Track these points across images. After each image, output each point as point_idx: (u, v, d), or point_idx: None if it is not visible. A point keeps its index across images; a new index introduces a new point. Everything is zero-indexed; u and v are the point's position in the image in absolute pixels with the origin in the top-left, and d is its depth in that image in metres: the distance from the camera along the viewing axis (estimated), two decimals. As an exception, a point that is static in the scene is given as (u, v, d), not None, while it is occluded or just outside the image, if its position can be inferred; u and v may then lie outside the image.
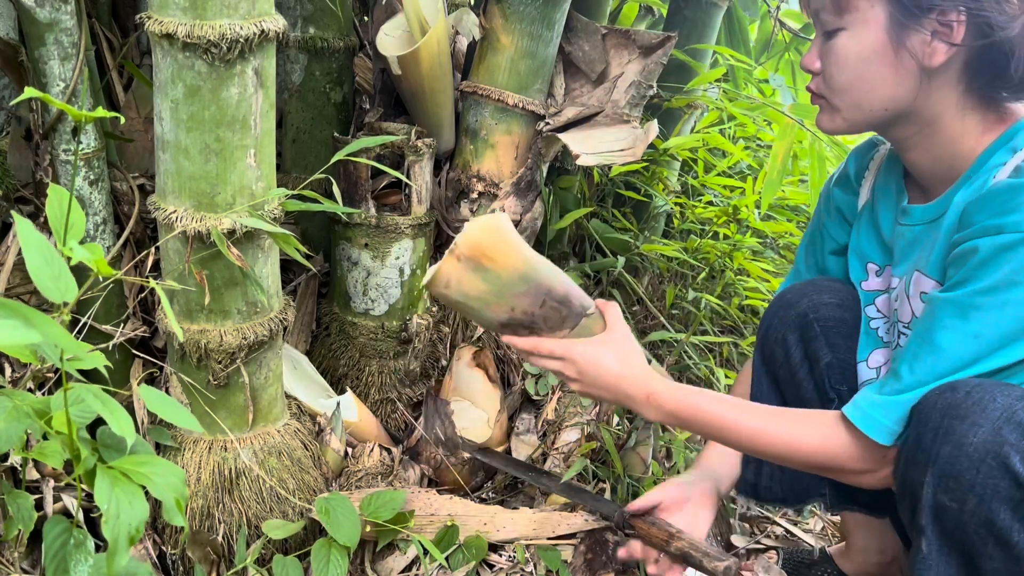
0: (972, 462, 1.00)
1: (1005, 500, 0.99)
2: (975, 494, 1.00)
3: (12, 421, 0.92)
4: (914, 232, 1.23)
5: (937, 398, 1.05)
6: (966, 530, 1.01)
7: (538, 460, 1.76)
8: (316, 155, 1.85)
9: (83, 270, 0.99)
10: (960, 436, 1.01)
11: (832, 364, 1.37)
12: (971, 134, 1.15)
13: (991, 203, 1.05)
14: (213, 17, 1.20)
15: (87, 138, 1.39)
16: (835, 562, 1.61)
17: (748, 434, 1.19)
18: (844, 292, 1.40)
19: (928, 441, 1.04)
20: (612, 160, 1.77)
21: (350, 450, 1.66)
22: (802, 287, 1.45)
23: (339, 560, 1.36)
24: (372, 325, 1.82)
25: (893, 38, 1.12)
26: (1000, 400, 1.00)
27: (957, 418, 1.02)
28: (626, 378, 1.22)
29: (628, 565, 1.45)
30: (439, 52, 1.75)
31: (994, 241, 1.03)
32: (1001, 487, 0.99)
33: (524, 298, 1.22)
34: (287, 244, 1.33)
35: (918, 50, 1.11)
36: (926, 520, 1.04)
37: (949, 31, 1.09)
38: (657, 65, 1.84)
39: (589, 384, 1.24)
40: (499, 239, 1.21)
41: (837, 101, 1.20)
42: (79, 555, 1.01)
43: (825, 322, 1.39)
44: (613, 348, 1.24)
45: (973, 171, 1.14)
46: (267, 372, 1.47)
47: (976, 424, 1.00)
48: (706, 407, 1.21)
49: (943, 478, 1.02)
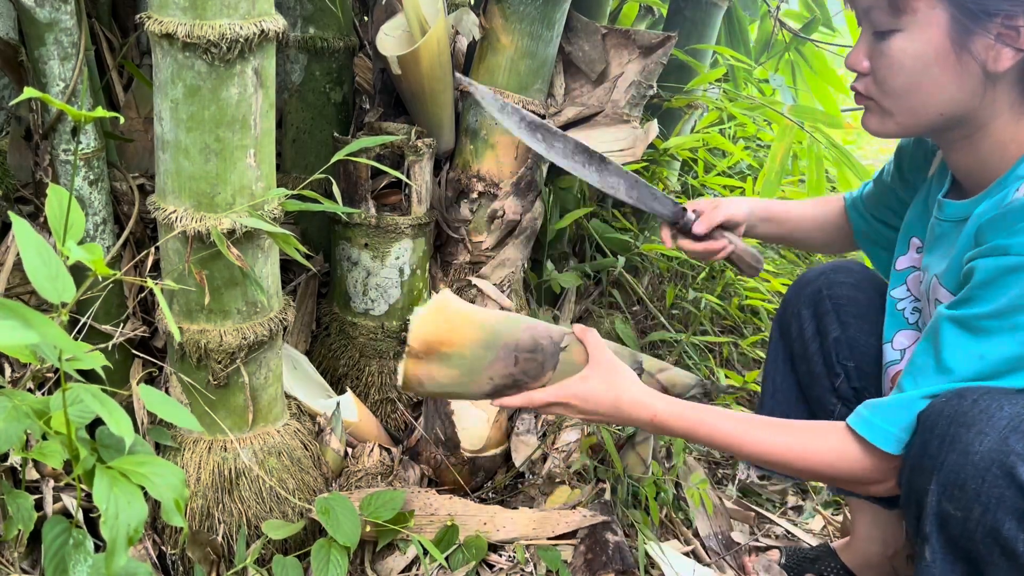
0: (978, 471, 0.98)
1: (1010, 510, 0.97)
2: (980, 503, 0.98)
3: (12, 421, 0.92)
4: (943, 228, 1.22)
5: (944, 405, 1.04)
6: (971, 539, 1.00)
7: (538, 461, 1.76)
8: (316, 155, 1.85)
9: (83, 270, 0.99)
10: (966, 444, 0.99)
11: (840, 339, 1.39)
12: (1019, 140, 1.12)
13: (1003, 222, 1.04)
14: (213, 17, 1.20)
15: (87, 138, 1.39)
16: (838, 556, 1.61)
17: (757, 449, 1.18)
18: (861, 274, 1.43)
19: (934, 448, 1.03)
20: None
21: (350, 450, 1.66)
22: (821, 267, 1.49)
23: (339, 560, 1.36)
24: (372, 325, 1.82)
25: (955, 42, 1.08)
26: (1007, 409, 0.99)
27: (964, 426, 1.00)
28: (624, 404, 1.24)
29: (628, 565, 1.45)
30: (439, 52, 1.75)
31: (998, 262, 1.02)
32: (1006, 496, 0.97)
33: (497, 364, 1.24)
34: (287, 244, 1.33)
35: (982, 54, 1.07)
36: (931, 528, 1.03)
37: (1016, 35, 1.05)
38: (657, 65, 1.85)
39: (593, 416, 1.26)
40: (446, 320, 1.22)
41: (889, 105, 1.16)
42: (78, 555, 1.01)
43: (838, 299, 1.43)
44: (600, 379, 1.25)
45: (1004, 179, 1.11)
46: (267, 372, 1.47)
47: (982, 432, 0.99)
48: (712, 423, 1.21)
49: (948, 486, 1.01)
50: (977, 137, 1.14)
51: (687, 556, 1.61)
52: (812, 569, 1.61)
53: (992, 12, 1.05)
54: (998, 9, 1.05)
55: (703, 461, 1.95)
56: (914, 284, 1.33)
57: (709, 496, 1.76)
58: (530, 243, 1.95)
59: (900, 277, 1.35)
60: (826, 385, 1.45)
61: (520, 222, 1.89)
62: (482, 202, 1.87)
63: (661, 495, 1.74)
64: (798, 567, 1.62)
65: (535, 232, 1.95)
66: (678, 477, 1.80)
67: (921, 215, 1.34)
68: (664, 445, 1.88)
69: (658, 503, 1.71)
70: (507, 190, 1.86)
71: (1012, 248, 1.01)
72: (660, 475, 1.76)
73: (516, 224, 1.89)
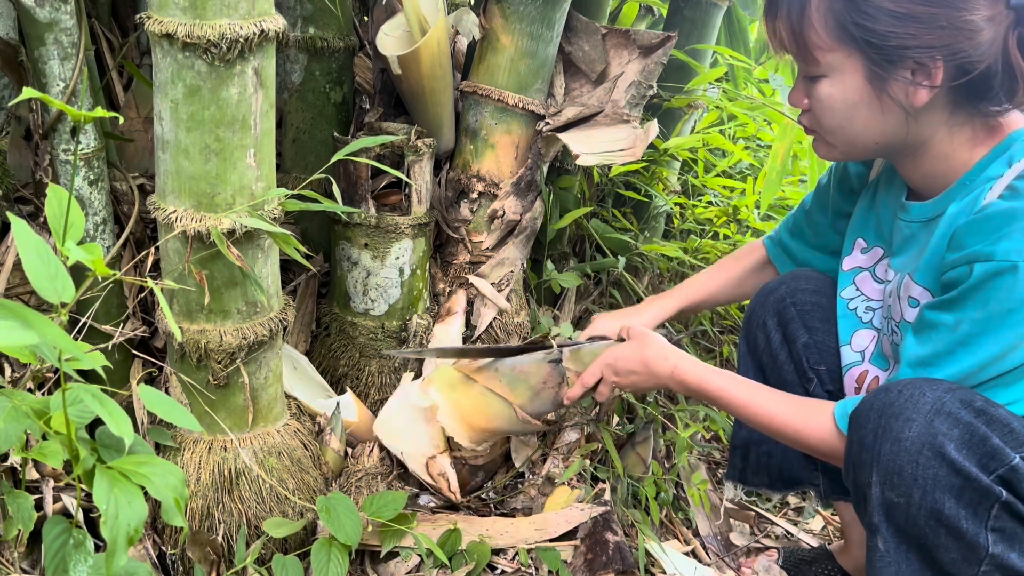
0: (911, 455, 1.04)
1: (946, 488, 1.02)
2: (918, 486, 1.03)
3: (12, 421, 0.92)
4: (911, 228, 1.26)
5: (873, 400, 1.10)
6: (916, 523, 1.05)
7: (538, 461, 1.76)
8: (316, 155, 1.85)
9: (82, 270, 0.99)
10: (897, 432, 1.05)
11: (809, 345, 1.44)
12: (962, 149, 1.17)
13: (983, 227, 1.08)
14: (213, 17, 1.20)
15: (87, 138, 1.39)
16: (835, 559, 1.61)
17: (759, 412, 1.27)
18: (821, 280, 1.48)
19: (869, 441, 1.08)
20: (612, 160, 1.77)
21: (350, 450, 1.66)
22: (782, 277, 1.54)
23: (339, 559, 1.36)
24: (372, 325, 1.82)
25: (874, 85, 1.13)
26: (929, 395, 1.05)
27: (892, 416, 1.06)
28: (649, 359, 1.39)
29: (628, 565, 1.45)
30: (439, 52, 1.75)
31: (984, 268, 1.05)
32: (940, 476, 1.02)
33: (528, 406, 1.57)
34: (287, 244, 1.33)
35: (900, 95, 1.13)
36: (879, 519, 1.08)
37: (928, 74, 1.10)
38: (657, 65, 1.84)
39: (629, 378, 1.42)
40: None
41: (830, 139, 1.23)
42: (78, 555, 1.01)
43: (802, 305, 1.47)
44: (630, 345, 1.45)
45: (969, 179, 1.16)
46: (267, 372, 1.47)
47: (910, 419, 1.04)
48: (723, 383, 1.31)
49: (887, 475, 1.06)
50: (919, 154, 1.20)
51: (687, 556, 1.62)
52: (809, 572, 1.61)
53: (900, 59, 1.10)
54: (905, 56, 1.10)
55: (704, 461, 1.95)
56: (863, 284, 1.38)
57: (709, 496, 1.76)
58: (530, 243, 1.95)
59: (847, 278, 1.40)
60: (799, 391, 1.46)
61: (520, 222, 1.89)
62: (482, 202, 1.87)
63: (661, 495, 1.74)
64: (795, 569, 1.62)
65: (535, 232, 1.94)
66: (678, 477, 1.80)
67: (865, 217, 1.39)
68: (666, 444, 1.88)
69: (658, 503, 1.72)
70: (507, 190, 1.86)
71: (996, 254, 1.05)
72: (660, 475, 1.76)
73: (516, 224, 1.89)
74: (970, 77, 1.09)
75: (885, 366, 1.34)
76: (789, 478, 1.53)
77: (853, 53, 1.12)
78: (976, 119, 1.15)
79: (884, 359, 1.35)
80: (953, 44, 1.07)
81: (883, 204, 1.34)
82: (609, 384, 1.46)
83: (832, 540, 1.82)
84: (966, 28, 1.06)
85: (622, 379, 1.43)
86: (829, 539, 1.83)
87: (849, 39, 1.12)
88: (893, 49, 1.09)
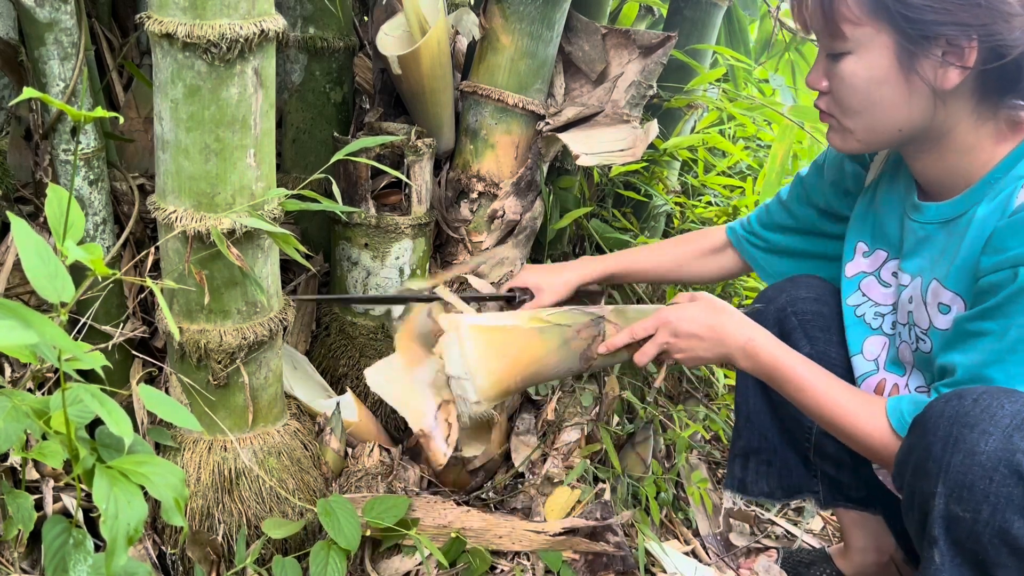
0: (985, 471, 0.98)
1: (1019, 509, 0.97)
2: (989, 503, 0.98)
3: (11, 421, 0.92)
4: (926, 230, 1.22)
5: (944, 406, 1.04)
6: (979, 540, 1.00)
7: (538, 461, 1.76)
8: (316, 155, 1.85)
9: (82, 270, 0.99)
10: (971, 445, 0.99)
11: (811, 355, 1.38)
12: (985, 144, 1.13)
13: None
14: (213, 17, 1.20)
15: (87, 138, 1.39)
16: (834, 562, 1.61)
17: (825, 402, 1.21)
18: (820, 288, 1.44)
19: (937, 451, 1.02)
20: (612, 160, 1.77)
21: (350, 450, 1.66)
22: (780, 284, 1.49)
23: (338, 563, 1.36)
24: (372, 325, 1.82)
25: (903, 63, 1.10)
26: (1008, 407, 0.99)
27: (967, 426, 1.00)
28: (728, 324, 1.29)
29: (629, 565, 1.45)
30: (439, 52, 1.75)
31: None
32: (1015, 495, 0.97)
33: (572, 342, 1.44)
34: (287, 244, 1.33)
35: (930, 75, 1.09)
36: (938, 531, 1.03)
37: (960, 54, 1.07)
38: (657, 65, 1.84)
39: (686, 337, 1.32)
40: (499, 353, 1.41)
41: (849, 124, 1.18)
42: (78, 555, 1.01)
43: (803, 315, 1.43)
44: (699, 306, 1.33)
45: (994, 179, 1.13)
46: (267, 372, 1.47)
47: (986, 432, 0.98)
48: (793, 364, 1.25)
49: (955, 488, 1.00)
50: (940, 145, 1.16)
51: (687, 556, 1.62)
52: (808, 574, 1.61)
53: (933, 36, 1.07)
54: (939, 33, 1.06)
55: (704, 461, 1.95)
56: (869, 289, 1.34)
57: (709, 496, 1.76)
58: (529, 242, 1.95)
59: (852, 284, 1.36)
60: None
61: (520, 222, 1.89)
62: (482, 202, 1.87)
63: (661, 495, 1.74)
64: (794, 571, 1.62)
65: (535, 232, 1.94)
66: (678, 477, 1.80)
67: (864, 219, 1.35)
68: (666, 443, 1.88)
69: (658, 503, 1.71)
70: (507, 190, 1.86)
71: None
72: (660, 475, 1.76)
73: (516, 224, 1.89)
74: (1003, 62, 1.06)
75: (901, 372, 1.31)
76: (789, 487, 1.50)
77: (883, 28, 1.09)
78: (1001, 113, 1.12)
79: (899, 365, 1.31)
80: (990, 24, 1.04)
81: (885, 205, 1.31)
82: (659, 344, 1.35)
83: (832, 542, 1.82)
84: (1003, 10, 1.04)
85: (678, 341, 1.32)
86: (829, 540, 1.83)
87: (883, 11, 1.08)
88: (928, 24, 1.06)
